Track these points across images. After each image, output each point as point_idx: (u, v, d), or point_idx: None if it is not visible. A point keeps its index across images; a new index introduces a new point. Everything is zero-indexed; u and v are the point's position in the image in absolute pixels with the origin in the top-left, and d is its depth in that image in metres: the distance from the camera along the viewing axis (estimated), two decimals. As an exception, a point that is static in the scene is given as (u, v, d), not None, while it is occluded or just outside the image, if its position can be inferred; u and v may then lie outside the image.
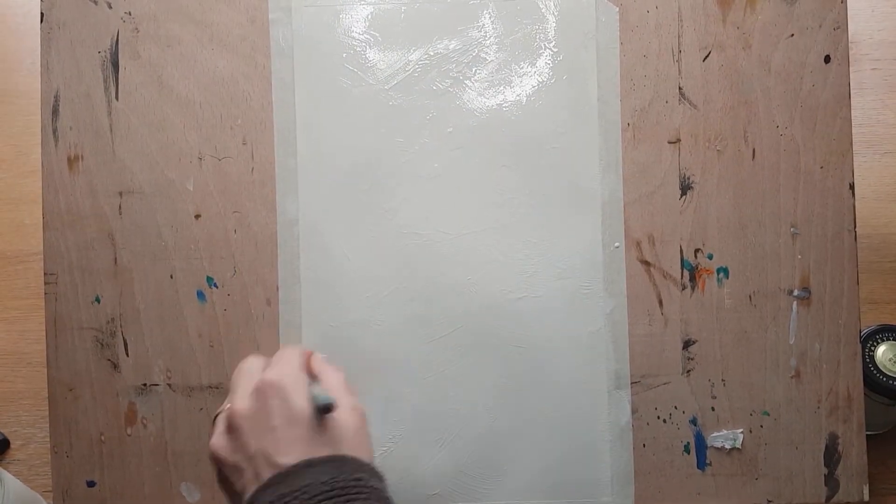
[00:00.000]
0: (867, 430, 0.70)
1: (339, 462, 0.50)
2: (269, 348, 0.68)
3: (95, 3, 0.70)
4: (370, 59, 0.69)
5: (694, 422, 0.69)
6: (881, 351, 0.76)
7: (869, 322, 0.80)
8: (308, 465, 0.49)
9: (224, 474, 0.53)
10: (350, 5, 0.70)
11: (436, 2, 0.69)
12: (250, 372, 0.56)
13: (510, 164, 0.68)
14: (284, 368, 0.55)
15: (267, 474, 0.49)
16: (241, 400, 0.53)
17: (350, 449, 0.52)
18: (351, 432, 0.53)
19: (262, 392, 0.53)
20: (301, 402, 0.52)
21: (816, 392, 0.69)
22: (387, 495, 0.50)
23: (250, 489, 0.50)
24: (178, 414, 0.69)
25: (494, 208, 0.68)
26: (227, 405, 0.55)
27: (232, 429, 0.52)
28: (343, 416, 0.54)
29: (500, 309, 0.68)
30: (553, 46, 0.69)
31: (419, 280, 0.68)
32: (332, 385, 0.56)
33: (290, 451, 0.50)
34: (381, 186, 0.69)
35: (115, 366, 0.69)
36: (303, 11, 0.69)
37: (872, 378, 0.75)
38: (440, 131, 0.69)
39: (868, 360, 0.75)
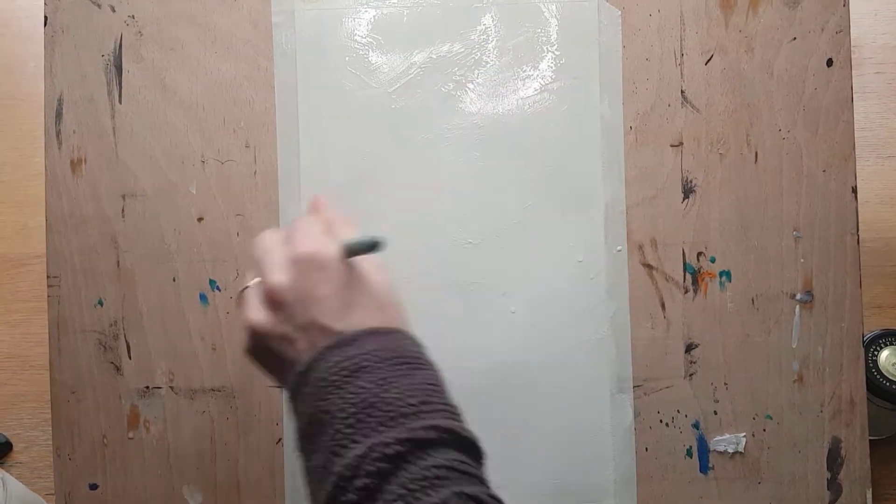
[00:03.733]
0: (870, 435, 0.70)
1: (401, 335, 0.50)
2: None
3: (99, 6, 0.70)
4: (373, 62, 0.69)
5: (696, 426, 0.68)
6: (884, 356, 0.76)
7: (872, 327, 0.80)
8: (373, 333, 0.49)
9: (266, 346, 0.52)
10: (353, 8, 0.70)
11: (438, 5, 0.70)
12: (273, 245, 0.54)
13: (512, 168, 0.69)
14: (312, 237, 0.53)
15: (326, 341, 0.49)
16: (276, 274, 0.52)
17: (398, 319, 0.52)
18: (391, 299, 0.53)
19: (300, 264, 0.51)
20: (340, 268, 0.52)
21: (819, 396, 0.69)
22: (440, 371, 0.50)
23: (309, 354, 0.49)
24: (180, 416, 0.69)
25: (496, 212, 0.68)
26: (254, 280, 0.54)
27: (275, 303, 0.51)
28: (380, 277, 0.54)
29: (502, 313, 0.68)
30: (555, 50, 0.69)
31: (421, 283, 0.68)
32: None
33: (344, 317, 0.50)
34: (383, 189, 0.69)
35: (118, 368, 0.69)
36: (306, 15, 0.70)
37: (875, 383, 0.75)
38: (442, 134, 0.69)
39: (871, 364, 0.75)
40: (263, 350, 0.52)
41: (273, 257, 0.52)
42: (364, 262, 0.54)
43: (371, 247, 0.51)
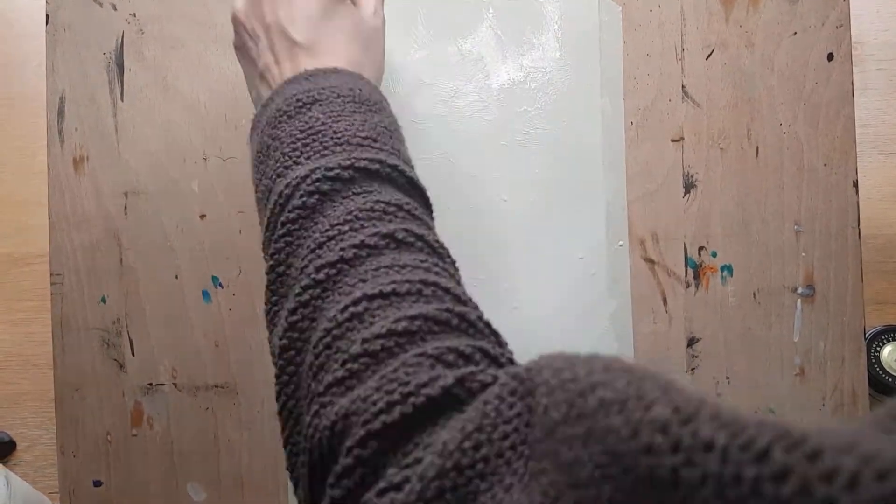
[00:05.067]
0: (873, 429, 0.70)
1: (365, 81, 0.50)
2: (274, 348, 0.69)
3: (100, 4, 0.70)
4: (374, 59, 0.70)
5: (699, 420, 0.68)
6: (887, 351, 0.76)
7: (874, 322, 0.80)
8: (336, 71, 0.48)
9: (242, 39, 0.53)
10: (354, 6, 0.70)
11: (439, 3, 0.70)
12: None
13: (513, 163, 0.69)
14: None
15: (280, 47, 0.50)
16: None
17: (370, 66, 0.52)
18: (371, 44, 0.53)
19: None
20: None
21: (821, 389, 0.69)
22: (401, 130, 0.50)
23: (271, 68, 0.50)
24: (183, 413, 0.69)
25: (497, 208, 0.69)
26: None
27: None
28: (373, 23, 0.53)
29: (505, 308, 0.68)
30: (556, 45, 0.69)
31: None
32: None
33: (310, 33, 0.50)
34: (385, 186, 0.69)
35: (121, 366, 0.69)
36: (307, 12, 0.70)
37: (878, 378, 0.75)
38: (443, 132, 0.69)
39: (874, 360, 0.75)
40: (241, 47, 0.53)
41: None
42: (368, 3, 0.54)
43: None
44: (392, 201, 0.42)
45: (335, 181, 0.42)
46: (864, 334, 0.69)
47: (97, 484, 0.69)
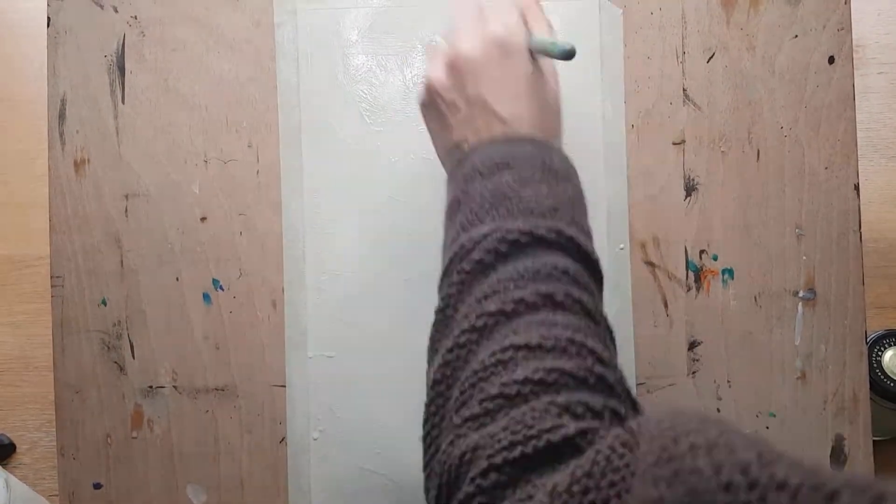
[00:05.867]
0: (875, 436, 0.70)
1: (556, 150, 0.52)
2: (274, 351, 0.69)
3: (102, 7, 0.70)
4: (374, 61, 0.70)
5: (700, 423, 0.68)
6: (888, 356, 0.76)
7: (876, 327, 0.80)
8: (531, 141, 0.51)
9: (436, 105, 0.56)
10: (355, 8, 0.70)
11: (438, 4, 0.70)
12: (468, 15, 0.56)
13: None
14: (507, 21, 0.55)
15: (481, 120, 0.52)
16: (464, 43, 0.54)
17: (556, 130, 0.55)
18: (556, 108, 0.56)
19: (488, 42, 0.54)
20: (523, 60, 0.54)
21: (822, 393, 0.68)
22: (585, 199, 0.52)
23: (469, 136, 0.53)
24: (184, 416, 0.69)
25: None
26: (443, 39, 0.57)
27: (454, 69, 0.54)
28: (555, 86, 0.56)
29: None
30: (557, 48, 0.69)
31: (426, 280, 0.68)
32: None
33: (510, 106, 0.52)
34: (386, 188, 0.69)
35: (122, 368, 0.69)
36: (308, 14, 0.70)
37: (880, 383, 0.75)
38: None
39: (875, 365, 0.75)
40: (433, 107, 0.56)
41: (467, 26, 0.55)
42: (546, 63, 0.56)
43: (561, 53, 0.52)
44: (559, 266, 0.45)
45: (512, 244, 0.45)
46: (866, 338, 0.69)
47: (97, 486, 0.69)
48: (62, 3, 0.71)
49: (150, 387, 0.69)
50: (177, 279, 0.69)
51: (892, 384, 0.75)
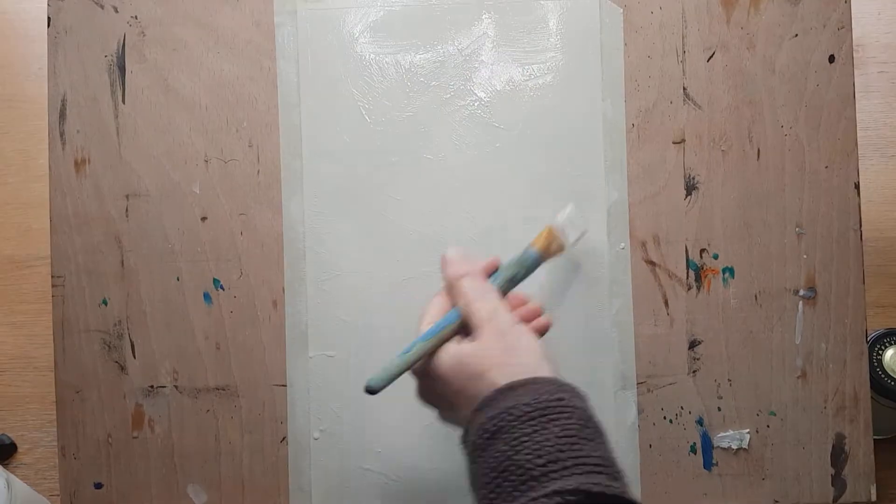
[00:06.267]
0: (875, 435, 0.70)
1: (540, 383, 0.51)
2: (275, 350, 0.69)
3: (102, 7, 0.70)
4: (374, 61, 0.70)
5: (700, 422, 0.68)
6: (889, 355, 0.76)
7: (876, 326, 0.80)
8: (510, 389, 0.50)
9: (435, 391, 0.57)
10: (355, 8, 0.70)
11: (439, 4, 0.70)
12: (484, 302, 0.57)
13: (515, 166, 0.69)
14: (502, 316, 0.56)
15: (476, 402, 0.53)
16: (485, 338, 0.54)
17: (545, 371, 0.54)
18: (539, 355, 0.55)
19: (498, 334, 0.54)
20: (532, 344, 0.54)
21: (823, 392, 0.68)
22: (590, 413, 0.51)
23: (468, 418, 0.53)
24: (184, 416, 0.69)
25: (499, 209, 0.69)
26: (457, 323, 0.57)
27: (463, 364, 0.54)
28: (530, 341, 0.56)
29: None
30: (557, 48, 0.69)
31: (425, 280, 0.68)
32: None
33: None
34: (385, 188, 0.69)
35: (122, 368, 0.69)
36: (308, 14, 0.70)
37: (880, 382, 0.74)
38: (444, 132, 0.69)
39: (875, 364, 0.75)
40: (432, 399, 0.59)
41: (487, 324, 0.55)
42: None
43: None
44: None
45: None
46: (867, 337, 0.69)
47: (98, 486, 0.69)
48: (62, 3, 0.71)
49: (151, 386, 0.69)
50: (177, 279, 0.69)
51: (892, 383, 0.75)
